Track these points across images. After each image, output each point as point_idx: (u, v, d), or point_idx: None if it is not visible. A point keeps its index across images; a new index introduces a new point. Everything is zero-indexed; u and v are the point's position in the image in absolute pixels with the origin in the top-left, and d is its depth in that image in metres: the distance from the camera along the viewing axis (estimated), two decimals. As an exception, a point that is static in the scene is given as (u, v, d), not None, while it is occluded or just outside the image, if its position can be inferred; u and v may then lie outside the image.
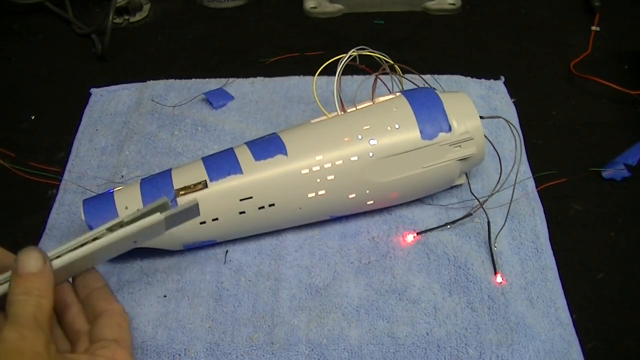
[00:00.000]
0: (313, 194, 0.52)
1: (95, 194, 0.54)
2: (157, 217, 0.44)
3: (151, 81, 0.72)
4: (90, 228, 0.50)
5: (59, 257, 0.42)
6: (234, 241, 0.55)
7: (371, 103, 0.55)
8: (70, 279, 0.46)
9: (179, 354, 0.49)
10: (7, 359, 0.36)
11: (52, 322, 0.40)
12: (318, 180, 0.52)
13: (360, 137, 0.52)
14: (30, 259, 0.40)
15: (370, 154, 0.52)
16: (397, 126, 0.52)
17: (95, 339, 0.42)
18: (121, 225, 0.44)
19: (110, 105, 0.69)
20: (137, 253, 0.54)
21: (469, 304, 0.51)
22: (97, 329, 0.43)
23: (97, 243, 0.43)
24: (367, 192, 0.53)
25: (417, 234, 0.55)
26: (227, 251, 0.55)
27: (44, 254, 0.41)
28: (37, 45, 0.80)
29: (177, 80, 0.72)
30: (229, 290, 0.53)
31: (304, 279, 0.53)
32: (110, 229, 0.43)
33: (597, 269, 0.54)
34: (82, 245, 0.43)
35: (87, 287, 0.45)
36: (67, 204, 0.59)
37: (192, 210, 0.46)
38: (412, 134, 0.52)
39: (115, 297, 0.46)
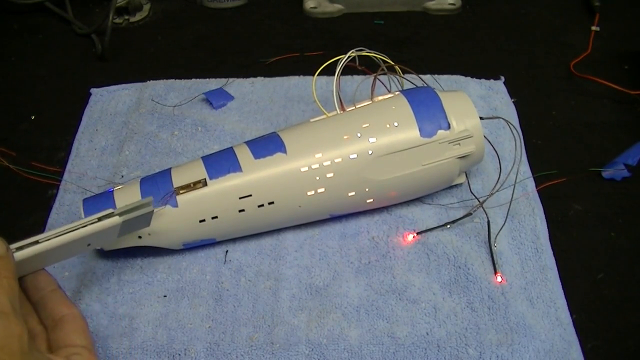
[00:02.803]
0: (312, 192, 0.52)
1: (95, 194, 0.54)
2: (115, 219, 0.45)
3: (151, 81, 0.72)
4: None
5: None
6: (233, 241, 0.55)
7: (370, 102, 0.55)
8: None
9: (179, 354, 0.49)
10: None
11: None
12: (317, 178, 0.52)
13: (359, 135, 0.52)
14: None
15: (370, 152, 0.52)
16: (396, 124, 0.52)
17: (62, 344, 0.41)
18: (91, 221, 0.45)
19: (110, 105, 0.69)
20: (137, 253, 0.54)
21: (469, 304, 0.51)
22: (62, 333, 0.42)
23: (52, 242, 0.43)
24: (367, 190, 0.53)
25: (417, 233, 0.55)
26: (227, 251, 0.55)
27: (5, 242, 0.40)
28: (37, 45, 0.80)
29: (177, 80, 0.72)
30: (229, 290, 0.52)
31: (304, 279, 0.53)
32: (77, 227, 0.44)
33: (597, 269, 0.54)
34: (34, 243, 0.43)
35: (40, 289, 0.44)
36: (67, 204, 0.59)
37: (145, 218, 0.48)
38: (411, 131, 0.52)
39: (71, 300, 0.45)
